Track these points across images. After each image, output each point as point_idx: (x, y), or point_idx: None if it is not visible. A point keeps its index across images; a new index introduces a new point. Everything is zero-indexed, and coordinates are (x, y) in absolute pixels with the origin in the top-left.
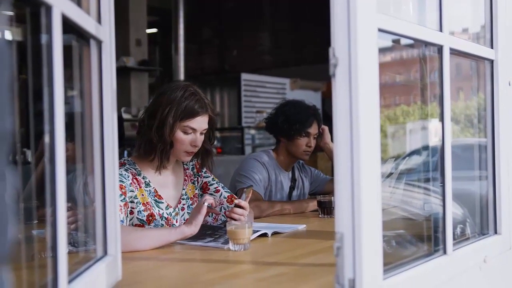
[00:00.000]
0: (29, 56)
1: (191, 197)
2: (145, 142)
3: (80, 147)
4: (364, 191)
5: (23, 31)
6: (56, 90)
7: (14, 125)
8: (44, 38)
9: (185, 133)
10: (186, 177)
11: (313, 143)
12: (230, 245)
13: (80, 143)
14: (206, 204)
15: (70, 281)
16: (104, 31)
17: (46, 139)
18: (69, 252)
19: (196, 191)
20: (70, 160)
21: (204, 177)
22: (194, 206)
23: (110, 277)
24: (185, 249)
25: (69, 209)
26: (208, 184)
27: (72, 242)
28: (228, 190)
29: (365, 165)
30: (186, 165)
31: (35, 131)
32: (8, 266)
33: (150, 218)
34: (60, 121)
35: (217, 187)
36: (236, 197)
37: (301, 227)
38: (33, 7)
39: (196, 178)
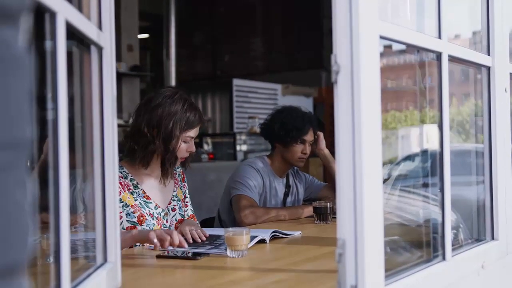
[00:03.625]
0: (32, 62)
1: (181, 199)
2: (149, 153)
3: (80, 152)
4: (366, 197)
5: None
6: (60, 96)
7: (33, 132)
8: (48, 44)
9: (185, 142)
10: (176, 181)
11: (308, 150)
12: (228, 252)
13: (80, 148)
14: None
15: None
16: (105, 37)
17: (50, 145)
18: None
19: (183, 196)
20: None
21: (186, 187)
22: (183, 208)
23: (110, 285)
24: None
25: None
26: (185, 196)
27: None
28: (192, 209)
29: (368, 171)
30: (174, 170)
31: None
32: (26, 274)
33: (141, 218)
34: (63, 126)
35: (187, 202)
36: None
37: (297, 233)
38: (37, 13)
39: (181, 185)
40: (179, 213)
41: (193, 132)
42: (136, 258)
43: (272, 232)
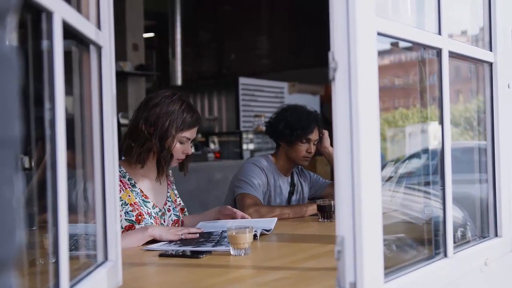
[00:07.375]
0: (30, 62)
1: (174, 201)
2: (145, 151)
3: (80, 153)
4: (365, 194)
5: (23, 36)
6: (57, 95)
7: (22, 130)
8: (44, 43)
9: (181, 143)
10: (169, 182)
11: (313, 149)
12: (231, 250)
13: (80, 149)
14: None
15: (71, 287)
16: (104, 36)
17: (47, 145)
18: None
19: (175, 198)
20: (69, 166)
21: (175, 189)
22: (177, 209)
23: (110, 283)
24: None
25: None
26: (176, 196)
27: (71, 247)
28: (177, 214)
29: (365, 168)
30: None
31: (33, 137)
32: (15, 270)
33: (139, 217)
34: (61, 126)
35: (178, 198)
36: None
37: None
38: (34, 13)
39: (173, 187)
40: (174, 214)
41: (189, 133)
42: (137, 257)
43: (261, 229)
